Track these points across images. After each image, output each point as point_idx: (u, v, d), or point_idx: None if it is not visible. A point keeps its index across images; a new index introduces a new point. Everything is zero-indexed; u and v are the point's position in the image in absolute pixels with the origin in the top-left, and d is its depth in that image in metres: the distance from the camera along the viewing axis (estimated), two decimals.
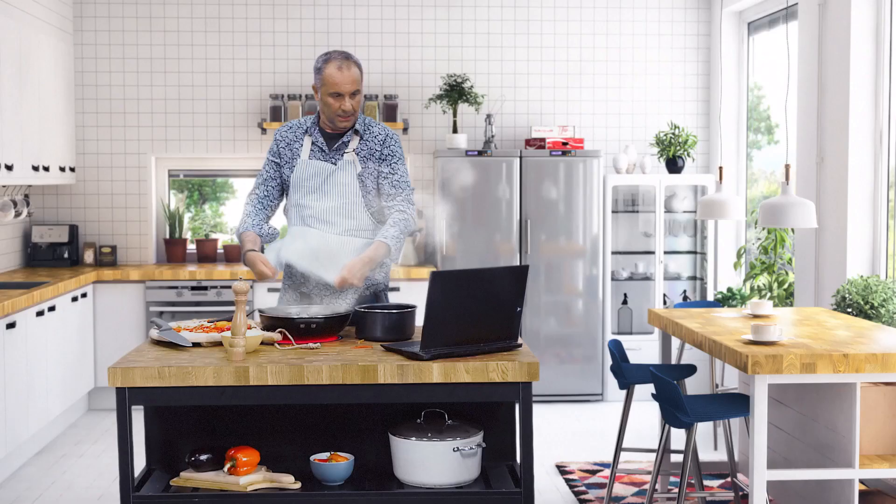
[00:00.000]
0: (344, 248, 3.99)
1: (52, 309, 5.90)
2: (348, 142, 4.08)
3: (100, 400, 6.96)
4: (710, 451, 5.91)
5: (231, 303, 6.80)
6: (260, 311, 3.73)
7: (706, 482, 5.18)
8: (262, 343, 3.60)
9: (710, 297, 7.24)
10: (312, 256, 3.95)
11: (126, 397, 3.27)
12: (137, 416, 6.52)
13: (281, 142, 4.14)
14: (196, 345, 3.59)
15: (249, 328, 3.61)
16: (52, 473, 5.45)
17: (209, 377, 3.25)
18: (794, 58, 6.20)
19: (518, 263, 7.06)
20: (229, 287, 6.82)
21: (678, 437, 6.05)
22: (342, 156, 4.06)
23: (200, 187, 7.62)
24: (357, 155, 4.05)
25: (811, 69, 5.86)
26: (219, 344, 3.60)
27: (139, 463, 5.34)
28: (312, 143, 4.09)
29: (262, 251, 4.11)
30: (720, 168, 5.07)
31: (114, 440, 6.13)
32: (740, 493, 4.47)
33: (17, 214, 6.53)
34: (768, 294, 6.39)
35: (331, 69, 3.97)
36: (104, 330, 6.82)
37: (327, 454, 3.50)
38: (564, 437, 6.23)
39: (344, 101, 3.98)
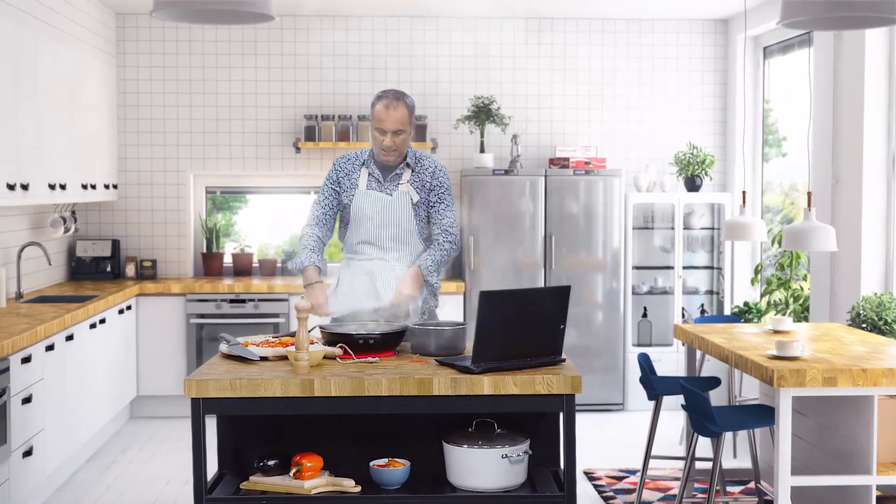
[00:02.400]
0: (386, 276, 4.31)
1: (102, 321, 6.19)
2: (401, 174, 4.37)
3: (141, 408, 7.25)
4: (729, 458, 6.18)
5: (268, 315, 7.10)
6: (321, 327, 4.02)
7: (727, 488, 5.44)
8: (324, 357, 3.88)
9: (727, 311, 7.50)
10: (360, 299, 4.30)
11: (201, 407, 3.56)
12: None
13: (340, 171, 4.42)
14: (263, 359, 3.87)
15: (312, 343, 3.89)
16: (104, 479, 5.74)
17: (277, 389, 3.53)
18: (809, 83, 6.47)
19: (542, 277, 7.34)
20: (266, 300, 7.11)
21: (699, 445, 6.30)
22: (397, 186, 4.35)
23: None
24: (411, 186, 4.34)
25: (826, 94, 6.14)
26: (284, 358, 3.89)
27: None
28: (369, 175, 4.38)
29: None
30: (744, 193, 5.37)
31: (158, 446, 6.41)
32: (764, 498, 4.74)
33: (66, 230, 6.82)
34: (786, 309, 6.66)
35: (379, 106, 4.28)
36: (146, 341, 7.12)
37: (385, 460, 3.79)
38: (589, 444, 6.50)
39: (386, 137, 4.27)
